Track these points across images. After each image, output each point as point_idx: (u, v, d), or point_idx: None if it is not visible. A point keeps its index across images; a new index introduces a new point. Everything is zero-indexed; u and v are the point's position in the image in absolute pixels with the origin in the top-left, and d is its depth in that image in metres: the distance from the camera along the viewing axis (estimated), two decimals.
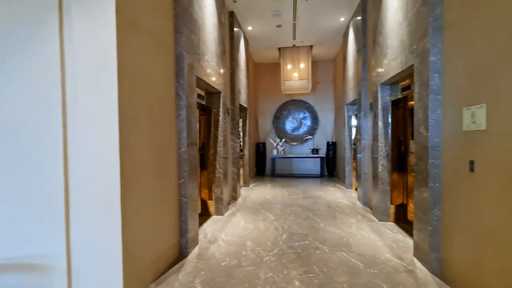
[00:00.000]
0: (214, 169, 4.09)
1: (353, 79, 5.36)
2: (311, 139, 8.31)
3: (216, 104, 4.08)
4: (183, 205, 2.71)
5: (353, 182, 6.03)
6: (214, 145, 4.09)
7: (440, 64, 2.30)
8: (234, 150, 5.09)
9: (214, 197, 4.10)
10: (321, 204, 4.74)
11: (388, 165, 3.69)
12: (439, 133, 2.32)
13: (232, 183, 5.07)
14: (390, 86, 3.66)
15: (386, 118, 3.69)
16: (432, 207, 2.34)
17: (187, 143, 2.71)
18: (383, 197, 3.71)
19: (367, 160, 4.59)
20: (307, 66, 7.27)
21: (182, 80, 2.67)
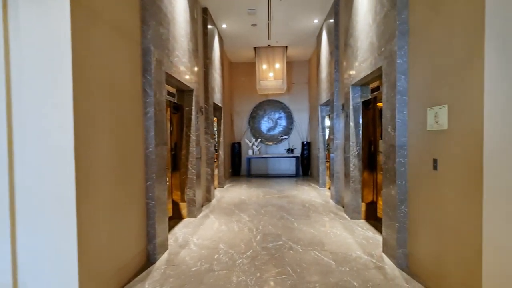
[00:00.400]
0: (186, 170, 3.94)
1: (326, 80, 5.47)
2: (287, 139, 8.39)
3: (188, 103, 3.94)
4: (151, 208, 2.55)
5: (326, 181, 6.16)
6: (187, 145, 3.94)
7: (406, 66, 2.38)
8: (208, 150, 4.96)
9: (187, 199, 3.95)
10: (295, 203, 4.77)
11: (359, 164, 3.80)
12: (405, 132, 2.40)
13: (206, 184, 4.94)
14: (361, 87, 3.77)
15: (357, 119, 3.79)
16: (399, 204, 2.42)
17: (155, 143, 2.57)
18: (354, 195, 3.80)
19: (340, 160, 4.70)
20: (282, 67, 7.32)
21: (149, 75, 2.52)
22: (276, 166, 8.47)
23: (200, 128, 4.50)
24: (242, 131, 8.45)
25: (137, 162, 2.40)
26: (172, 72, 3.06)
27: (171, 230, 3.46)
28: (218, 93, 5.94)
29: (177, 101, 3.87)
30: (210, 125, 5.01)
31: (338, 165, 4.77)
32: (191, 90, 3.92)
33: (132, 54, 2.35)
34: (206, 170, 4.94)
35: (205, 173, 4.87)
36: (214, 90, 5.47)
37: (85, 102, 1.74)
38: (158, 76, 2.64)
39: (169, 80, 3.23)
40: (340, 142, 4.67)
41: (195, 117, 3.97)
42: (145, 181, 2.54)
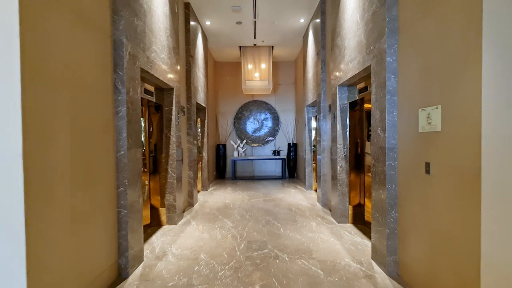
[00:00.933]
0: (166, 173, 3.69)
1: (313, 80, 5.38)
2: (273, 140, 8.26)
3: (168, 102, 3.70)
4: (123, 218, 2.31)
5: (313, 183, 6.06)
6: (166, 147, 3.70)
7: (396, 65, 2.28)
8: (190, 152, 4.72)
9: (166, 205, 3.70)
10: (281, 207, 4.62)
11: (347, 167, 3.70)
12: (395, 134, 2.30)
13: (188, 188, 4.69)
14: (348, 88, 3.67)
15: (345, 120, 3.70)
16: (389, 209, 2.31)
17: (128, 145, 2.33)
18: (341, 198, 3.70)
19: (326, 162, 4.60)
20: (268, 67, 7.18)
21: (121, 71, 2.28)
22: (262, 168, 8.31)
23: (181, 129, 4.27)
24: (227, 132, 8.23)
25: (106, 167, 2.16)
26: (149, 68, 2.83)
27: (148, 239, 3.21)
28: (202, 93, 5.72)
29: (156, 101, 3.62)
30: (193, 126, 4.78)
31: (325, 167, 4.66)
32: (171, 89, 3.68)
33: (101, 46, 2.11)
34: (188, 173, 4.70)
35: (187, 176, 4.63)
36: (197, 89, 5.24)
37: (39, 98, 1.50)
38: (131, 72, 2.41)
39: (146, 77, 2.99)
40: (327, 144, 4.57)
41: (175, 117, 3.74)
42: (116, 187, 2.30)
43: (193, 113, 4.80)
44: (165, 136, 3.69)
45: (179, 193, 3.85)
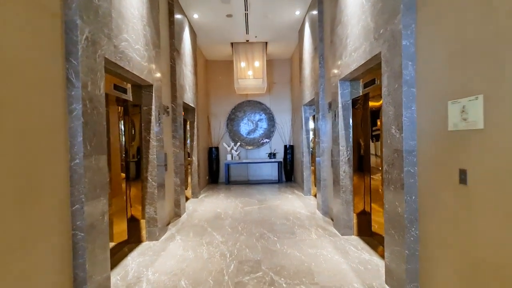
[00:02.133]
0: (145, 182, 3.23)
1: (310, 77, 4.97)
2: (268, 142, 7.83)
3: (147, 101, 3.25)
4: (79, 242, 1.85)
5: (311, 188, 5.64)
6: (146, 152, 3.24)
7: (414, 49, 1.87)
8: (176, 157, 4.27)
9: (146, 218, 3.24)
10: (278, 216, 4.18)
11: (350, 171, 3.28)
12: (414, 134, 1.89)
13: (174, 197, 4.23)
14: (351, 83, 3.27)
15: (347, 119, 3.28)
16: (409, 225, 1.89)
17: (86, 152, 1.88)
18: (345, 207, 3.28)
19: (327, 165, 4.18)
20: (262, 64, 6.77)
21: (75, 59, 1.83)
22: (257, 172, 7.87)
23: (165, 131, 3.81)
24: (220, 134, 7.79)
25: (54, 179, 1.70)
26: (118, 59, 2.38)
27: (123, 260, 2.75)
28: (190, 93, 5.27)
29: (134, 99, 3.17)
30: (179, 128, 4.33)
31: (325, 171, 4.24)
32: (150, 86, 3.23)
33: (46, 28, 1.66)
34: (174, 180, 4.24)
35: (172, 184, 4.17)
36: (184, 88, 4.80)
37: None
38: (90, 61, 1.96)
39: (116, 71, 2.54)
40: (327, 146, 4.15)
41: (156, 118, 3.28)
42: (70, 204, 1.84)
43: (179, 113, 4.35)
44: (144, 140, 3.24)
45: (162, 204, 3.39)
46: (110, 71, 2.50)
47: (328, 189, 4.15)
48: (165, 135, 3.84)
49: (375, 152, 3.08)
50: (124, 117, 3.13)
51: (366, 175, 3.26)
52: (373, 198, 3.14)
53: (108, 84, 2.59)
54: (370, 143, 3.18)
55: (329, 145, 4.01)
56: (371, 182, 3.17)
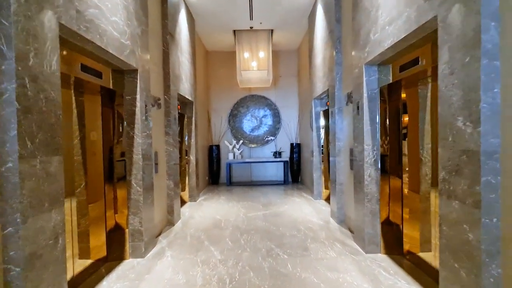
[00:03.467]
0: (129, 187, 2.68)
1: (322, 66, 4.37)
2: (273, 140, 7.25)
3: (131, 89, 2.68)
4: (14, 281, 1.30)
5: (322, 191, 5.06)
6: (129, 151, 2.68)
7: (498, 3, 1.28)
8: (169, 156, 3.71)
9: (130, 231, 2.69)
10: (287, 225, 3.61)
11: (377, 175, 2.70)
12: (497, 128, 1.30)
13: (167, 202, 3.68)
14: (379, 68, 2.67)
15: (374, 112, 2.69)
16: (487, 261, 1.31)
17: (24, 152, 1.32)
18: (370, 219, 2.70)
19: (344, 167, 3.60)
20: (268, 55, 6.17)
21: (5, 18, 1.27)
22: (261, 172, 7.30)
23: (155, 126, 3.26)
24: (221, 131, 7.22)
25: None
26: (84, 30, 1.81)
27: (97, 285, 2.20)
28: (187, 84, 4.70)
29: (114, 86, 2.61)
30: (173, 123, 3.76)
31: (342, 174, 3.66)
32: (134, 71, 2.67)
33: None
34: (167, 183, 3.69)
35: (164, 188, 3.62)
36: (179, 78, 4.23)
37: None
38: (32, 24, 1.39)
39: (82, 46, 1.97)
40: (344, 144, 3.57)
41: (141, 110, 2.72)
42: (1, 228, 1.29)
43: (173, 107, 3.78)
44: (126, 136, 2.68)
45: (149, 212, 2.84)
46: (74, 46, 1.93)
47: (346, 194, 3.57)
48: (155, 131, 3.28)
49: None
50: (102, 108, 2.57)
51: (396, 179, 2.67)
52: (405, 208, 2.56)
53: (70, 63, 2.02)
54: (402, 141, 2.60)
55: (348, 144, 3.43)
56: (403, 188, 2.59)
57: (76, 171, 2.38)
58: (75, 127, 2.36)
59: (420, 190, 2.48)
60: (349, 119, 3.36)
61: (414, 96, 2.43)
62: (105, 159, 2.59)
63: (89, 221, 2.53)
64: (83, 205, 2.46)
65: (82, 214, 2.44)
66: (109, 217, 2.65)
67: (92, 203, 2.56)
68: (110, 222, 2.68)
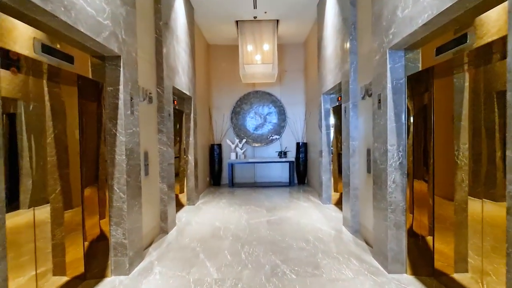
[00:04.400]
0: (110, 194, 2.30)
1: (334, 57, 3.94)
2: (278, 139, 6.83)
3: (113, 79, 2.30)
4: None
5: (331, 194, 4.64)
6: (111, 151, 2.30)
7: None
8: (163, 156, 3.33)
9: (112, 244, 2.31)
10: (294, 234, 3.21)
11: (404, 181, 2.27)
12: None
13: (160, 208, 3.30)
14: (406, 53, 2.24)
15: (400, 106, 2.26)
16: None
17: None
18: (394, 233, 2.28)
19: (360, 170, 3.17)
20: (273, 47, 5.75)
21: None
22: (265, 172, 6.90)
23: (145, 123, 2.88)
24: (223, 130, 6.83)
25: None
26: None
27: None
28: (185, 77, 4.31)
29: (93, 76, 2.23)
30: (167, 119, 3.38)
31: (356, 178, 3.24)
32: (116, 58, 2.28)
33: None
34: (160, 187, 3.31)
35: (157, 191, 3.24)
36: (175, 70, 3.84)
37: None
38: None
39: (45, 23, 1.59)
40: (360, 144, 3.14)
41: (125, 104, 2.34)
42: None
43: (167, 101, 3.40)
44: (107, 134, 2.30)
45: (135, 222, 2.46)
46: (29, 19, 1.54)
47: (361, 200, 3.15)
48: (146, 128, 2.90)
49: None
50: (81, 101, 2.19)
51: (421, 183, 2.24)
52: (437, 219, 2.13)
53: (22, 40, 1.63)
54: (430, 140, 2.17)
55: (364, 144, 3.00)
56: (434, 196, 2.16)
57: (50, 173, 2.02)
58: (49, 123, 1.99)
59: (454, 199, 2.06)
60: (366, 115, 2.93)
61: (448, 86, 2.00)
62: (86, 160, 2.22)
63: (65, 231, 2.17)
64: (59, 212, 2.10)
65: (57, 224, 2.08)
66: (91, 227, 2.28)
67: (68, 210, 2.19)
68: (92, 232, 2.31)
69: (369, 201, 2.88)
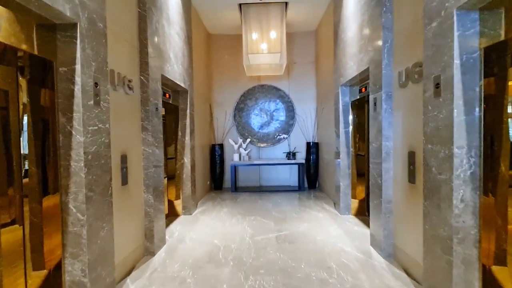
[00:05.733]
0: (65, 213, 1.67)
1: (358, 39, 3.26)
2: (286, 139, 6.16)
3: (67, 57, 1.66)
4: None
5: (351, 203, 3.96)
6: (66, 155, 1.67)
7: None
8: (148, 160, 2.69)
9: (66, 283, 1.68)
10: (310, 259, 2.54)
11: (477, 201, 1.59)
12: None
13: (144, 224, 2.67)
14: (481, 14, 1.56)
15: (473, 89, 1.58)
16: None
17: None
18: (463, 273, 1.60)
19: (396, 178, 2.49)
20: (281, 35, 5.08)
21: None
22: (272, 175, 6.23)
23: (125, 118, 2.24)
24: (226, 128, 6.19)
25: None
26: None
27: None
28: (178, 66, 3.67)
29: (38, 52, 1.59)
30: (153, 115, 2.74)
31: (390, 188, 2.56)
32: (71, 26, 1.64)
33: None
34: (145, 197, 2.67)
35: (140, 204, 2.60)
36: (166, 56, 3.20)
37: None
38: None
39: None
40: (396, 145, 2.46)
41: (85, 90, 1.70)
42: None
43: (154, 92, 2.77)
44: (61, 132, 1.67)
45: (100, 251, 1.82)
46: None
47: (397, 217, 2.47)
48: (122, 125, 2.27)
49: None
50: (23, 87, 1.57)
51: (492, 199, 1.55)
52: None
53: None
54: None
55: (405, 144, 2.32)
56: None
57: None
58: None
59: None
60: (407, 107, 2.25)
61: None
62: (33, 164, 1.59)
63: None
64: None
65: None
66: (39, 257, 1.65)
67: (3, 228, 1.57)
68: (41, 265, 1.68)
69: (411, 220, 2.21)
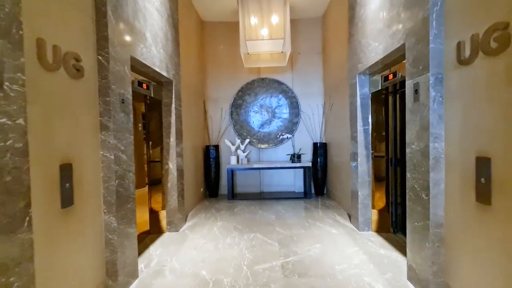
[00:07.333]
0: None
1: (387, 9, 2.57)
2: (290, 139, 5.46)
3: None
4: None
5: (371, 216, 3.27)
6: None
7: None
8: (108, 169, 1.99)
9: None
10: None
11: None
12: None
13: (105, 256, 1.98)
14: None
15: None
16: None
17: None
18: None
19: (452, 194, 1.79)
20: (284, 19, 4.39)
21: None
22: (274, 181, 5.54)
23: (68, 113, 1.55)
24: (221, 127, 5.49)
25: None
26: None
27: None
28: (158, 49, 2.98)
29: None
30: (117, 109, 2.05)
31: (440, 207, 1.86)
32: None
33: None
34: (106, 220, 1.98)
35: (97, 230, 1.90)
36: (139, 34, 2.51)
37: None
38: None
39: None
40: (452, 149, 1.76)
41: None
42: None
43: (118, 79, 2.07)
44: None
45: None
46: None
47: (454, 248, 1.77)
48: (68, 122, 1.58)
49: None
50: None
51: None
52: None
53: None
54: None
55: (467, 148, 1.63)
56: None
57: None
58: None
59: None
60: (470, 93, 1.56)
61: None
62: None
63: None
64: None
65: None
66: None
67: None
68: None
69: (478, 255, 1.51)
